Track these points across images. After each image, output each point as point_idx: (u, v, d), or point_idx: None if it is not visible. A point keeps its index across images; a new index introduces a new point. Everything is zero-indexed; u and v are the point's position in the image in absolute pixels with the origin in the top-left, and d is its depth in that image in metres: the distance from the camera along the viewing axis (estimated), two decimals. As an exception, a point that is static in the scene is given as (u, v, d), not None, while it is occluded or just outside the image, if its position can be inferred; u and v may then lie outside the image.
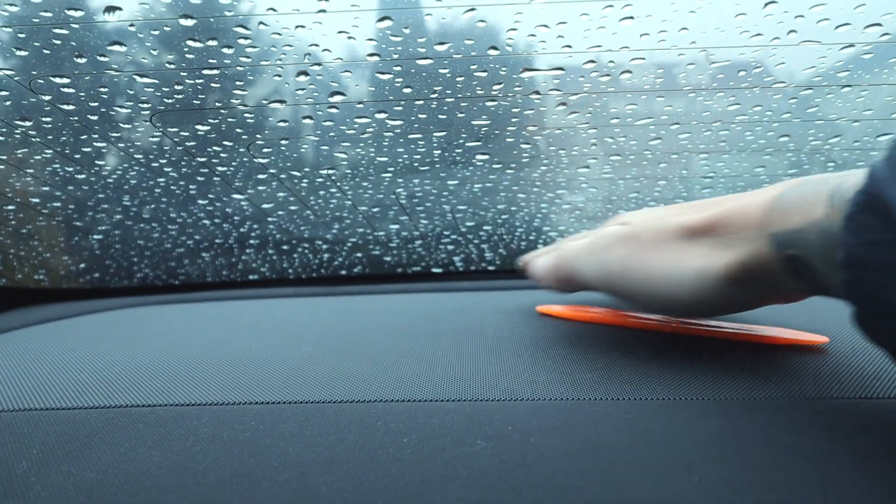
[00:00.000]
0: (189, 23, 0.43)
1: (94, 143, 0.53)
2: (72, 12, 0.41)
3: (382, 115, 0.52)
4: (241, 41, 0.44)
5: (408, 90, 0.50)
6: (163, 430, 0.28)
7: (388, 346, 0.40)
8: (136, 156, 0.56)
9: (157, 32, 0.43)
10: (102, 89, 0.48)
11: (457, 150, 0.58)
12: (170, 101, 0.49)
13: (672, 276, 0.31)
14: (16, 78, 0.46)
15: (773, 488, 0.22)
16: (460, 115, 0.53)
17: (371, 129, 0.54)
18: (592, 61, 0.48)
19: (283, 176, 0.60)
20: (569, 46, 0.47)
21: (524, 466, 0.24)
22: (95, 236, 0.67)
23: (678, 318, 0.35)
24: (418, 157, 0.59)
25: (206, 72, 0.47)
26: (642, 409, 0.28)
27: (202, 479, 0.24)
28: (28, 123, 0.50)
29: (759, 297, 0.31)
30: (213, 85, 0.48)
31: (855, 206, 0.23)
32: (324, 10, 0.43)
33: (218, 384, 0.34)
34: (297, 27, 0.44)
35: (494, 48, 0.47)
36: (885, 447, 0.24)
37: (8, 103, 0.48)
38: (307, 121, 0.54)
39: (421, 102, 0.51)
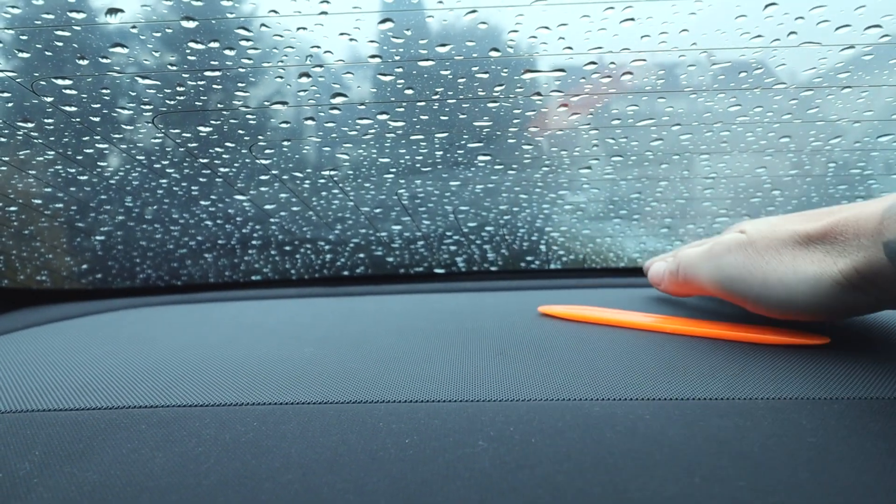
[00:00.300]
0: (191, 24, 0.43)
1: (97, 145, 0.54)
2: (73, 14, 0.41)
3: (384, 117, 0.52)
4: (243, 43, 0.44)
5: (409, 91, 0.49)
6: (165, 432, 0.28)
7: (390, 346, 0.40)
8: (138, 157, 0.56)
9: (158, 34, 0.43)
10: (104, 91, 0.48)
11: (459, 152, 0.58)
12: (172, 102, 0.49)
13: (788, 281, 0.33)
14: (18, 79, 0.46)
15: (774, 488, 0.22)
16: (462, 117, 0.53)
17: (373, 131, 0.54)
18: (593, 62, 0.48)
19: (285, 177, 0.60)
20: (570, 48, 0.47)
21: (526, 467, 0.24)
22: (98, 237, 0.67)
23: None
24: (420, 158, 0.59)
25: (208, 73, 0.47)
26: (644, 409, 0.28)
27: (204, 480, 0.24)
28: (30, 125, 0.50)
29: (874, 302, 0.32)
30: (215, 86, 0.48)
31: None
32: (325, 13, 0.43)
33: (220, 385, 0.34)
34: (298, 29, 0.44)
35: (496, 50, 0.47)
36: (887, 447, 0.24)
37: (10, 105, 0.48)
38: (309, 122, 0.54)
39: (423, 104, 0.51)
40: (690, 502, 0.21)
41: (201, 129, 0.52)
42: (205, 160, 0.56)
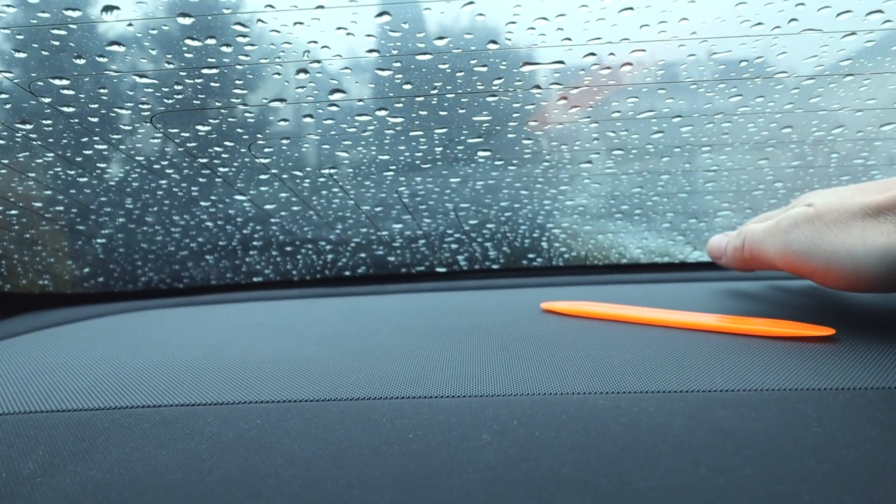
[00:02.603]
0: (187, 21, 0.43)
1: (96, 146, 0.53)
2: (69, 13, 0.41)
3: (383, 113, 0.52)
4: (240, 39, 0.44)
5: (408, 87, 0.49)
6: (168, 430, 0.28)
7: (392, 344, 0.40)
8: (137, 158, 0.56)
9: (155, 31, 0.43)
10: (102, 90, 0.48)
11: (458, 147, 0.58)
12: (170, 101, 0.49)
13: (857, 254, 0.33)
14: (15, 80, 0.46)
15: (780, 478, 0.22)
16: (461, 112, 0.52)
17: (372, 127, 0.54)
18: (593, 54, 0.48)
19: (284, 176, 0.60)
20: (568, 39, 0.46)
21: (530, 460, 0.24)
22: (99, 240, 0.67)
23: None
24: (420, 154, 0.58)
25: (205, 71, 0.47)
26: (648, 402, 0.28)
27: (208, 477, 0.24)
28: (28, 126, 0.50)
29: None
30: (212, 84, 0.48)
31: None
32: (322, 6, 0.43)
33: (222, 384, 0.34)
34: (295, 24, 0.44)
35: (494, 42, 0.46)
36: (892, 437, 0.24)
37: (8, 106, 0.48)
38: (308, 119, 0.54)
39: (421, 99, 0.51)
40: (696, 493, 0.21)
41: (200, 128, 0.52)
42: (204, 160, 0.56)
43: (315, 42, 0.45)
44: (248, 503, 0.22)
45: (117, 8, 0.41)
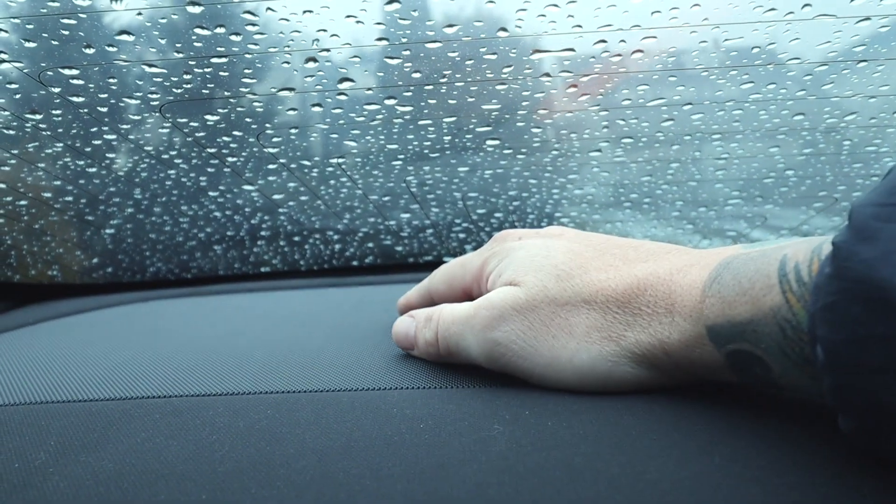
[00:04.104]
0: (196, 10, 0.42)
1: (105, 136, 0.53)
2: (79, 1, 0.41)
3: (392, 102, 0.52)
4: (249, 28, 0.44)
5: (417, 75, 0.49)
6: (179, 420, 0.28)
7: None
8: (146, 148, 0.56)
9: (164, 21, 0.43)
10: (111, 80, 0.48)
11: (467, 136, 0.57)
12: (179, 91, 0.49)
13: (580, 363, 0.28)
14: (25, 70, 0.46)
15: (795, 468, 0.22)
16: (470, 100, 0.52)
17: (381, 116, 0.54)
18: (603, 41, 0.47)
19: (293, 166, 0.60)
20: (579, 26, 0.46)
21: (542, 449, 0.24)
22: (107, 231, 0.68)
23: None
24: (428, 143, 0.58)
25: (214, 60, 0.46)
26: (659, 393, 0.28)
27: (219, 467, 0.24)
28: (38, 117, 0.50)
29: (681, 380, 0.28)
30: (221, 74, 0.48)
31: (835, 294, 0.19)
32: (331, -7, 0.43)
33: (232, 375, 0.34)
34: (304, 12, 0.43)
35: (504, 30, 0.46)
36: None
37: (18, 96, 0.48)
38: (316, 109, 0.53)
39: (430, 87, 0.50)
40: (710, 482, 0.21)
41: (208, 117, 0.52)
42: (212, 150, 0.56)
43: (324, 30, 0.45)
44: (260, 493, 0.22)
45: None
